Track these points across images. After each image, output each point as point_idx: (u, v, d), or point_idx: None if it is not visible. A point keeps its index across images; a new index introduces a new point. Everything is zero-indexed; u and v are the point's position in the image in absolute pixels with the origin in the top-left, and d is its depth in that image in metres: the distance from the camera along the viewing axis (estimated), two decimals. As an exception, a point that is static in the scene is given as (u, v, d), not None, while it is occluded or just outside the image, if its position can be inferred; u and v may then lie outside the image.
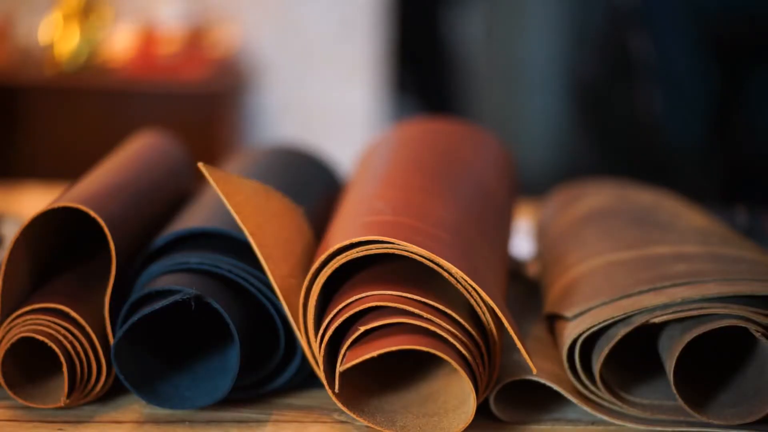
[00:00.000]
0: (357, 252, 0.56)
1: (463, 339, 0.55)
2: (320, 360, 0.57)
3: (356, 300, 0.56)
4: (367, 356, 0.54)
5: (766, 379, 0.56)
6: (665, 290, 0.58)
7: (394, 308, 0.55)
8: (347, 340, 0.55)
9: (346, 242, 0.56)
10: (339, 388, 0.55)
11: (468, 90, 2.29)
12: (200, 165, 0.61)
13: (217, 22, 2.49)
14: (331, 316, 0.56)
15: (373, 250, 0.56)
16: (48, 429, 0.56)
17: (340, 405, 0.56)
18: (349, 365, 0.54)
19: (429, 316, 0.54)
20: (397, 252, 0.56)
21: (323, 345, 0.56)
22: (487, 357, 0.56)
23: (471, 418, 0.55)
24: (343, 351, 0.55)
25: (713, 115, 2.13)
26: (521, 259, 0.84)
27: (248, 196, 0.61)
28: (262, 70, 2.59)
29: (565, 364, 0.58)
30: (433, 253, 0.55)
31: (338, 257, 0.57)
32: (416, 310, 0.55)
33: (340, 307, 0.56)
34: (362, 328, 0.55)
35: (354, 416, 0.56)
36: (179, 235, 0.62)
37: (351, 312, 0.56)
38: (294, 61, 2.55)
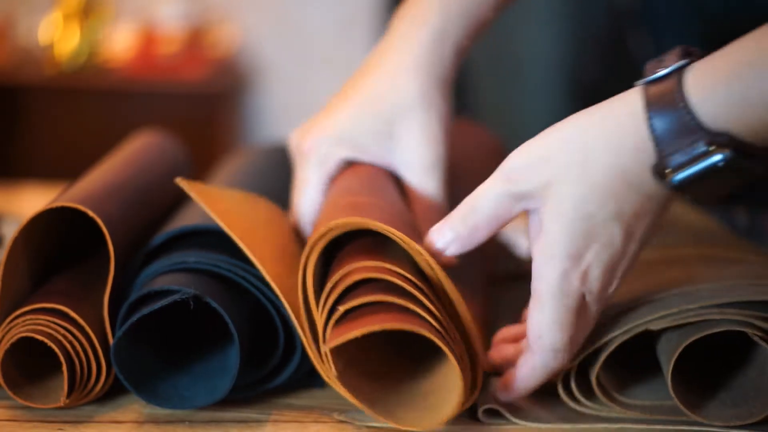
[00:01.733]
0: (332, 234, 0.57)
1: (437, 314, 0.55)
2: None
3: (341, 278, 0.56)
4: (351, 335, 0.54)
5: (766, 381, 0.56)
6: (661, 300, 0.58)
7: (376, 285, 0.55)
8: (331, 321, 0.55)
9: (323, 228, 0.56)
10: (339, 374, 0.55)
11: (467, 89, 2.29)
12: (179, 180, 0.61)
13: (217, 22, 2.49)
14: (327, 305, 0.56)
15: (338, 231, 0.56)
16: (48, 429, 0.56)
17: (341, 389, 0.56)
18: (336, 342, 0.54)
19: (409, 288, 0.54)
20: (363, 227, 0.56)
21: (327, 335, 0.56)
22: (455, 332, 0.56)
23: (461, 396, 0.54)
24: (328, 329, 0.55)
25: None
26: (522, 259, 0.83)
27: (232, 204, 0.62)
28: (262, 70, 2.59)
29: (559, 383, 0.58)
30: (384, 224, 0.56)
31: (319, 243, 0.57)
32: (396, 280, 0.55)
33: (328, 291, 0.56)
34: (341, 308, 0.55)
35: (354, 400, 0.56)
36: (177, 233, 0.62)
37: (339, 290, 0.56)
38: (294, 61, 2.55)
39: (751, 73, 0.50)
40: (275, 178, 0.74)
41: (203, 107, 2.33)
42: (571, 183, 0.53)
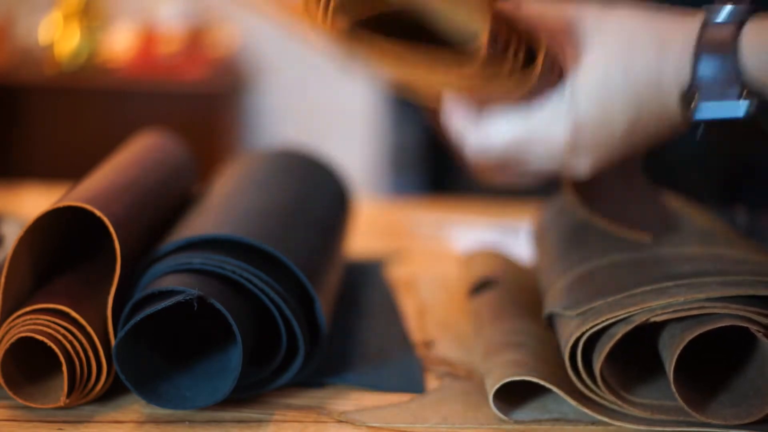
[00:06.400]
0: None
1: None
2: None
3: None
4: None
5: (766, 380, 0.56)
6: (668, 290, 0.58)
7: None
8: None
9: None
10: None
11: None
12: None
13: (217, 22, 2.49)
14: None
15: None
16: (48, 429, 0.56)
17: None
18: None
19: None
20: None
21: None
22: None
23: None
24: None
25: (713, 114, 2.12)
26: (521, 259, 0.84)
27: None
28: (262, 71, 2.59)
29: (567, 363, 0.58)
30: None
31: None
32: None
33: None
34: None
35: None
36: (191, 241, 0.62)
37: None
38: (294, 61, 2.55)
39: None
40: (283, 187, 0.74)
41: (203, 107, 2.33)
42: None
